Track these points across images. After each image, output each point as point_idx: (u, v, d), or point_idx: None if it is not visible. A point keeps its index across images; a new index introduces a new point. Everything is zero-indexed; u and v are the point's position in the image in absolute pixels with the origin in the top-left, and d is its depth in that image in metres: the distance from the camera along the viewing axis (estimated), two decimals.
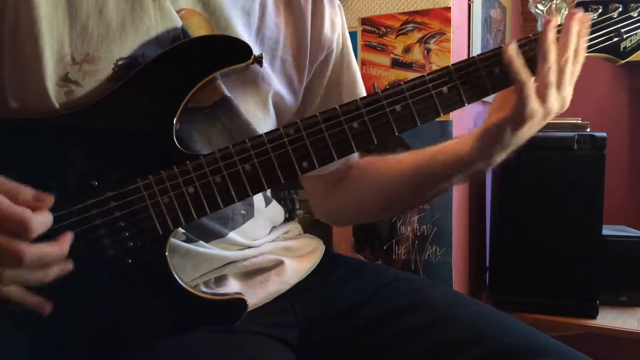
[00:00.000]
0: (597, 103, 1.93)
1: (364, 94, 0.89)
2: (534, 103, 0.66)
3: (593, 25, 0.73)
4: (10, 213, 0.53)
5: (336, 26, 0.85)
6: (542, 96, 0.67)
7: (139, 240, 0.62)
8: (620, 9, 0.73)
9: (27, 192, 0.56)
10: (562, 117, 1.43)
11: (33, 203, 0.55)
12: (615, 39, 0.74)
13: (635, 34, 0.74)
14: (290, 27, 0.80)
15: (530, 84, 0.66)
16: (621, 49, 0.74)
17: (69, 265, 0.58)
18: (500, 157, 0.73)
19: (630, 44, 0.74)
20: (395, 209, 0.92)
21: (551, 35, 0.67)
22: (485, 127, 0.71)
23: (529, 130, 0.69)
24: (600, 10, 0.73)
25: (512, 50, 0.67)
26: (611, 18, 0.73)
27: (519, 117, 0.67)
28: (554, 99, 0.67)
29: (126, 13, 0.64)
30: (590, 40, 0.73)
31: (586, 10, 0.73)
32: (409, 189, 0.82)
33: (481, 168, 0.76)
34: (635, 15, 0.74)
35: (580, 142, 1.37)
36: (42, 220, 0.55)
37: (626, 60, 0.75)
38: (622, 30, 0.73)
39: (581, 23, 0.68)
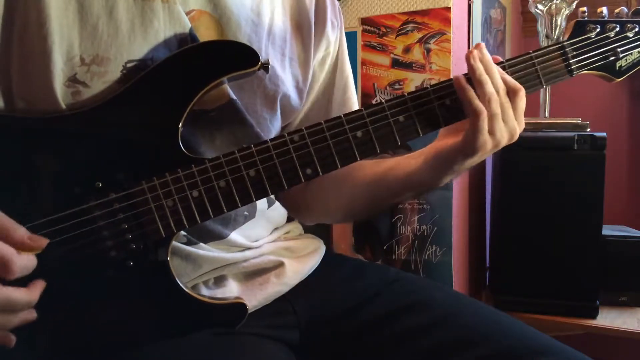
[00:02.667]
0: (597, 103, 1.93)
1: (354, 98, 0.90)
2: (485, 135, 0.66)
3: (591, 44, 0.74)
4: None
5: (335, 27, 0.86)
6: (491, 128, 0.67)
7: (142, 242, 0.62)
8: (617, 29, 0.75)
9: (21, 231, 0.54)
10: (562, 117, 1.45)
11: (26, 242, 0.54)
12: (612, 58, 0.76)
13: (631, 53, 0.76)
14: (297, 26, 0.81)
15: (485, 115, 0.66)
16: (617, 68, 0.76)
17: (33, 315, 0.56)
18: (449, 179, 0.74)
19: (626, 63, 0.76)
20: (354, 214, 0.95)
21: (479, 66, 0.67)
22: (435, 153, 0.72)
23: (479, 158, 0.69)
24: (598, 30, 0.75)
25: (462, 80, 0.67)
26: (608, 37, 0.75)
27: (470, 147, 0.68)
28: (503, 130, 0.68)
29: (136, 16, 0.64)
30: (588, 58, 0.75)
31: (584, 29, 0.74)
32: (366, 198, 0.84)
33: (431, 188, 0.77)
34: (631, 36, 0.75)
35: (580, 142, 1.37)
36: (24, 264, 0.53)
37: (621, 79, 0.76)
38: (619, 50, 0.75)
39: (481, 58, 0.68)
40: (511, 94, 0.68)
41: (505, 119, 0.68)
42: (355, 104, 0.90)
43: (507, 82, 0.68)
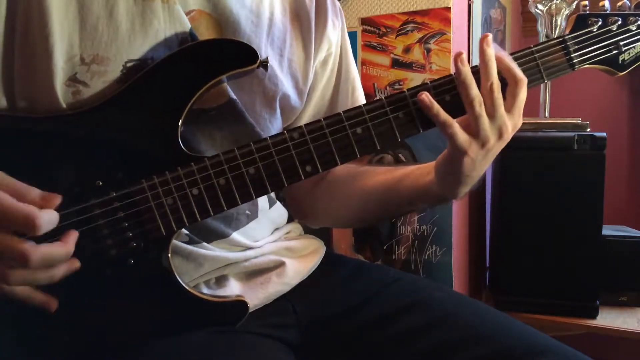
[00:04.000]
0: (597, 103, 1.93)
1: (362, 99, 0.89)
2: (462, 139, 0.66)
3: (593, 37, 0.74)
4: (15, 210, 0.52)
5: (336, 28, 0.85)
6: (475, 130, 0.66)
7: (142, 240, 0.62)
8: (619, 22, 0.74)
9: (34, 192, 0.55)
10: (562, 117, 1.45)
11: (40, 202, 0.54)
12: (614, 52, 0.75)
13: (634, 46, 0.75)
14: (297, 27, 0.81)
15: (450, 123, 0.65)
16: (620, 62, 0.75)
17: (76, 264, 0.58)
18: (461, 189, 0.72)
19: (629, 56, 0.75)
20: (364, 221, 0.96)
21: (465, 68, 0.66)
22: (439, 161, 0.72)
23: (473, 163, 0.68)
24: (600, 23, 0.74)
25: (425, 96, 0.67)
26: (610, 31, 0.74)
27: (453, 153, 0.67)
28: (488, 129, 0.66)
29: (136, 16, 0.64)
30: (590, 52, 0.74)
31: (586, 23, 0.74)
32: (376, 206, 0.83)
33: (445, 198, 0.75)
34: (634, 29, 0.75)
35: (580, 142, 1.37)
36: (48, 218, 0.53)
37: (624, 72, 0.75)
38: (621, 43, 0.75)
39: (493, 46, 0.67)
40: (512, 83, 0.67)
41: (493, 115, 0.66)
42: None
43: (512, 70, 0.67)
